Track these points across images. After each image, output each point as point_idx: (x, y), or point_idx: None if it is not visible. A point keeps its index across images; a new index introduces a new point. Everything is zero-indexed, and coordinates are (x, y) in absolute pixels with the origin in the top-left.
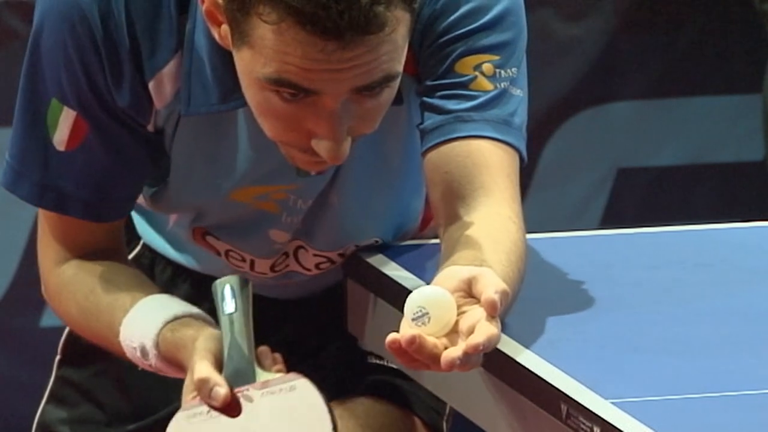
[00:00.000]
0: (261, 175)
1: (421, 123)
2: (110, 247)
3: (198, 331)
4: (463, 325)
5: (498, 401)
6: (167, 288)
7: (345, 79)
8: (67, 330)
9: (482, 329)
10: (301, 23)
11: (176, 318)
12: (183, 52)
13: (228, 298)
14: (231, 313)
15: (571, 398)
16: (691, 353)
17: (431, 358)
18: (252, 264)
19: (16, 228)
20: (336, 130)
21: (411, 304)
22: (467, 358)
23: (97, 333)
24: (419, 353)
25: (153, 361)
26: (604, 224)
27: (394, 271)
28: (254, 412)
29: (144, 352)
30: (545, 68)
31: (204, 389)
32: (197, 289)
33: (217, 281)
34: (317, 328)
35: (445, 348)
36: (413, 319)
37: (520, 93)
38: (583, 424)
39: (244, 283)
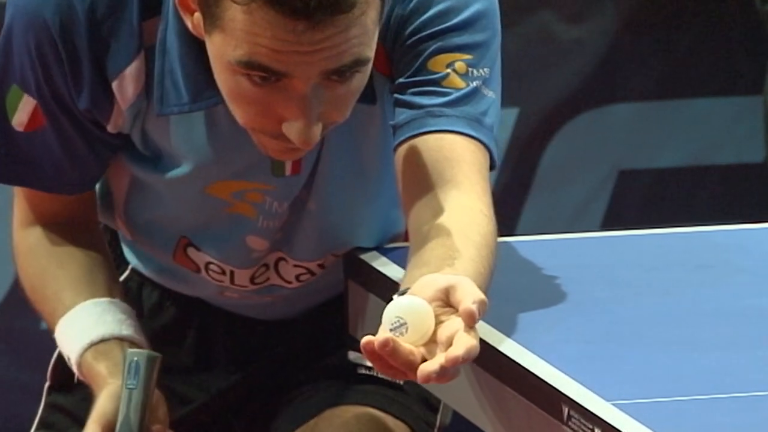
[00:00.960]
0: (235, 171)
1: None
2: (77, 217)
3: (109, 375)
4: (442, 335)
5: (499, 403)
6: (155, 311)
7: (315, 61)
8: (55, 356)
9: (461, 341)
10: (270, 3)
11: (102, 340)
12: (154, 53)
13: (132, 372)
14: (131, 389)
15: (572, 400)
16: (693, 354)
17: (407, 365)
18: (232, 276)
19: None
20: (306, 113)
21: (389, 314)
22: (444, 371)
23: (42, 314)
24: (394, 359)
25: (78, 376)
26: (605, 226)
27: (396, 272)
28: None
29: (70, 363)
30: (546, 70)
31: None
32: (184, 313)
33: (129, 351)
34: (307, 348)
35: (423, 357)
36: (391, 330)
37: (492, 95)
38: (584, 425)
39: (152, 360)
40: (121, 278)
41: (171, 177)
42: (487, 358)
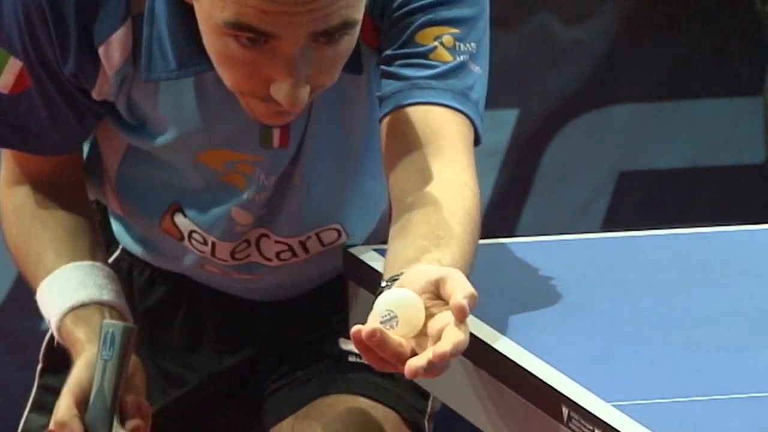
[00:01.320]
0: (224, 139)
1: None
2: (62, 179)
3: (87, 341)
4: (432, 329)
5: (499, 404)
6: (145, 291)
7: (303, 23)
8: (47, 338)
9: (449, 336)
10: None
11: (82, 305)
12: (142, 21)
13: (108, 343)
14: (106, 360)
15: (572, 401)
16: (694, 356)
17: (396, 357)
18: (213, 248)
19: None
20: (294, 74)
21: (379, 307)
22: (432, 366)
23: (25, 275)
24: (382, 350)
25: (57, 339)
26: (606, 227)
27: None
28: None
29: (50, 326)
30: (546, 71)
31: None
32: (174, 292)
33: (105, 322)
34: (297, 332)
35: (413, 350)
36: (381, 322)
37: (478, 70)
38: (585, 427)
39: (128, 331)
40: (111, 259)
41: (159, 144)
42: (487, 358)
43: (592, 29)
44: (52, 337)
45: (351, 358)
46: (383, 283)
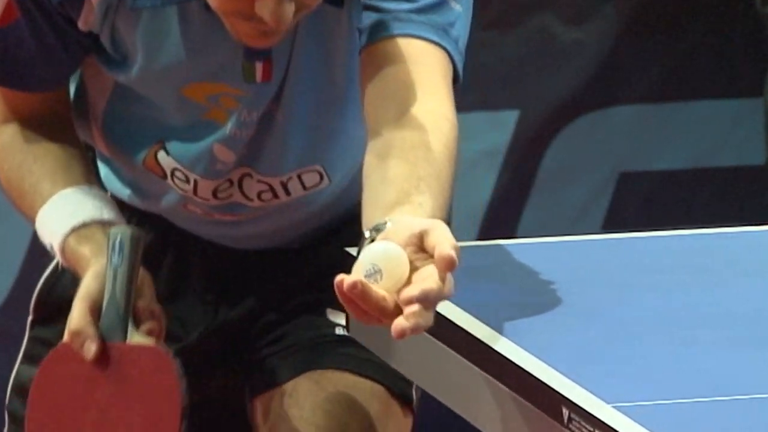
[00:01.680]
0: (207, 71)
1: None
2: (51, 115)
3: (93, 256)
4: (416, 282)
5: (499, 405)
6: None
7: None
8: (37, 291)
9: (423, 283)
10: None
11: (84, 225)
12: None
13: (117, 249)
14: (116, 266)
15: (572, 402)
16: (695, 357)
17: (379, 311)
18: (195, 186)
19: (18, 231)
20: None
21: (363, 260)
22: (411, 318)
23: (21, 209)
24: (365, 302)
25: (62, 262)
26: (606, 228)
27: None
28: (118, 370)
29: (53, 251)
30: (546, 72)
31: (76, 341)
32: (161, 239)
33: (113, 229)
34: (284, 293)
35: (396, 306)
36: (366, 277)
37: (459, 9)
38: (585, 428)
39: (137, 237)
40: None
41: (142, 77)
42: (487, 359)
43: (593, 30)
44: (42, 288)
45: (338, 330)
46: (366, 234)
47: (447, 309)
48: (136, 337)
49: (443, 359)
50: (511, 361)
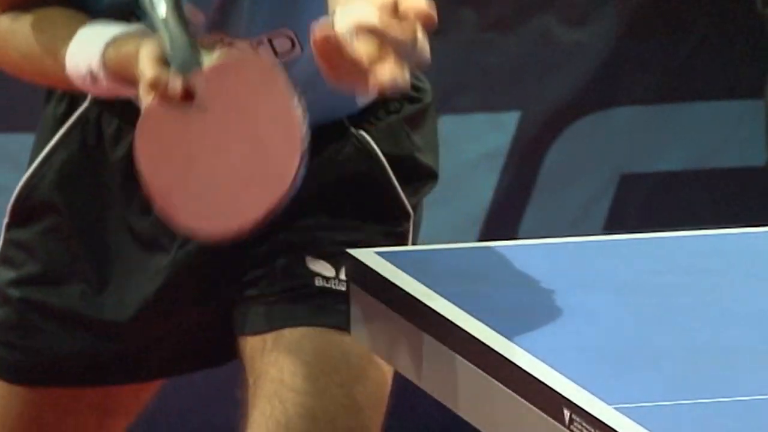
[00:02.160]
0: None
1: None
2: (37, 2)
3: (139, 44)
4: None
5: (500, 406)
6: (114, 140)
7: None
8: (15, 194)
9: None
10: None
11: (116, 39)
12: None
13: (157, 4)
14: (165, 18)
15: (574, 403)
16: (696, 358)
17: (353, 65)
18: None
19: None
20: None
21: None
22: (390, 72)
23: (44, 72)
24: (339, 54)
25: (104, 83)
26: (607, 229)
27: (399, 277)
28: (213, 92)
29: (93, 77)
30: (547, 73)
31: (160, 88)
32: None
33: None
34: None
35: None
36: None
37: None
38: (586, 429)
39: None
40: (80, 110)
41: None
42: (488, 360)
43: (594, 31)
44: (21, 191)
45: (318, 282)
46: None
47: (447, 310)
48: (212, 56)
49: (444, 360)
50: (511, 362)
